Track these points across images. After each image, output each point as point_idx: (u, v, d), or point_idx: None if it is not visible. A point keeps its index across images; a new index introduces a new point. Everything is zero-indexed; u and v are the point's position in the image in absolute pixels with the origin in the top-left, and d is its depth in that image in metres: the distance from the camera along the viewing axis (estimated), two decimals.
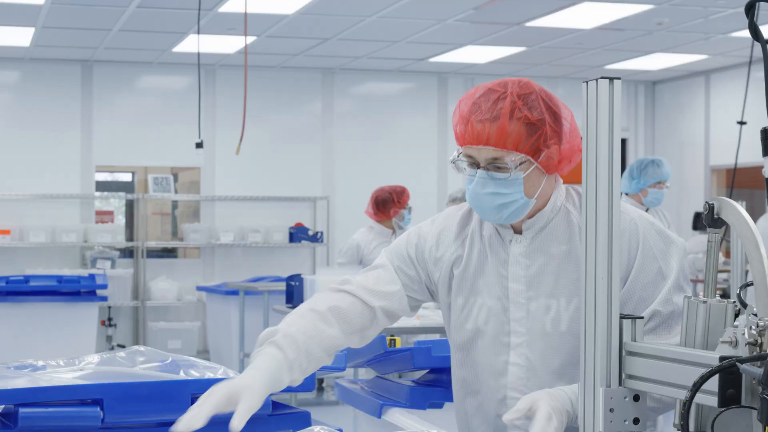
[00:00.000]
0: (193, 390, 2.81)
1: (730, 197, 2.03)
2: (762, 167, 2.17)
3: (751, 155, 10.89)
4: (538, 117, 2.38)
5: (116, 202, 12.28)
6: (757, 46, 2.04)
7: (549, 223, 2.47)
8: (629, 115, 12.91)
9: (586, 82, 1.99)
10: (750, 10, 2.10)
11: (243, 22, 8.32)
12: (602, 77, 1.96)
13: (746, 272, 5.10)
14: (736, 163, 6.46)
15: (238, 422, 2.28)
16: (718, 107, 11.85)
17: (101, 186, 11.77)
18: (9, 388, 2.67)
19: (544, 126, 2.38)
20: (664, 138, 12.79)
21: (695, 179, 12.05)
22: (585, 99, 1.99)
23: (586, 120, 2.00)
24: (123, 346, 11.06)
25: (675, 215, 7.68)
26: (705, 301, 1.89)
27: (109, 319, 10.89)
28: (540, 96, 2.41)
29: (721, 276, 8.03)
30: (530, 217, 2.47)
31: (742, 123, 6.70)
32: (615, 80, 1.96)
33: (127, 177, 12.49)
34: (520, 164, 2.39)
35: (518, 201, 2.42)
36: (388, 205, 7.52)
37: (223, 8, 8.75)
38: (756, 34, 2.07)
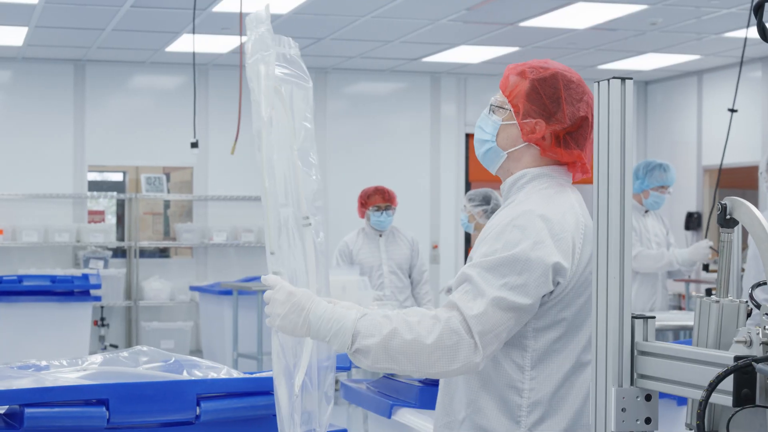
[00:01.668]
0: (199, 390, 2.82)
1: (715, 196, 2.04)
2: (748, 167, 2.18)
3: (741, 155, 10.95)
4: (536, 87, 2.56)
5: (106, 202, 12.25)
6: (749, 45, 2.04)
7: (509, 196, 2.57)
8: None
9: (598, 83, 1.99)
10: (758, 10, 2.10)
11: (237, 22, 8.32)
12: (614, 77, 1.97)
13: (742, 271, 5.11)
14: (723, 155, 6.43)
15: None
16: (710, 107, 11.88)
17: (92, 186, 11.73)
18: (14, 388, 2.66)
19: (535, 94, 2.55)
20: (656, 138, 12.82)
21: (688, 179, 12.07)
22: (596, 99, 2.00)
23: (597, 120, 2.00)
24: (116, 346, 11.03)
25: (667, 215, 7.68)
26: (718, 301, 1.90)
27: (102, 319, 10.87)
28: (559, 79, 2.57)
29: (713, 276, 8.04)
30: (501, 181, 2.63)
31: (733, 110, 6.64)
32: (627, 80, 1.97)
33: (118, 177, 12.46)
34: (501, 107, 2.58)
35: (489, 143, 2.61)
36: (359, 207, 7.50)
37: (218, 8, 8.74)
38: (765, 34, 2.07)
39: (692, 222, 11.88)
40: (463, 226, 6.70)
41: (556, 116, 2.52)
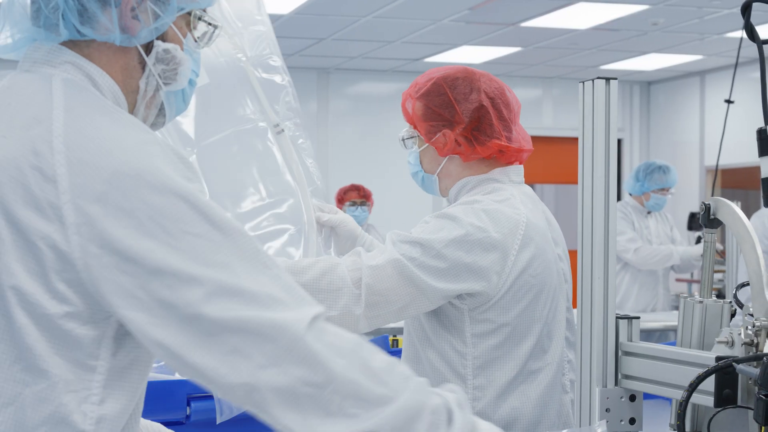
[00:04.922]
0: (189, 390, 2.82)
1: (713, 196, 2.04)
2: (751, 167, 2.18)
3: (743, 156, 10.92)
4: (425, 103, 2.55)
5: None
6: (745, 45, 2.04)
7: (458, 199, 2.56)
8: (624, 115, 12.91)
9: (582, 83, 1.99)
10: (746, 10, 2.10)
11: None
12: (598, 77, 1.96)
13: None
14: (720, 147, 6.40)
15: None
16: (713, 107, 11.86)
17: None
18: None
19: (427, 110, 2.55)
20: (659, 138, 12.80)
21: (690, 180, 12.06)
22: (581, 99, 1.99)
23: (582, 120, 2.00)
24: None
25: (669, 215, 7.70)
26: (701, 301, 1.90)
27: None
28: (441, 83, 2.54)
29: (716, 276, 8.03)
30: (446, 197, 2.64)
31: (729, 101, 6.62)
32: (611, 80, 1.96)
33: None
34: (411, 138, 2.62)
35: (419, 173, 2.62)
36: (336, 204, 7.65)
37: None
38: (752, 34, 2.07)
39: (694, 222, 11.85)
40: None
41: (454, 119, 2.50)
